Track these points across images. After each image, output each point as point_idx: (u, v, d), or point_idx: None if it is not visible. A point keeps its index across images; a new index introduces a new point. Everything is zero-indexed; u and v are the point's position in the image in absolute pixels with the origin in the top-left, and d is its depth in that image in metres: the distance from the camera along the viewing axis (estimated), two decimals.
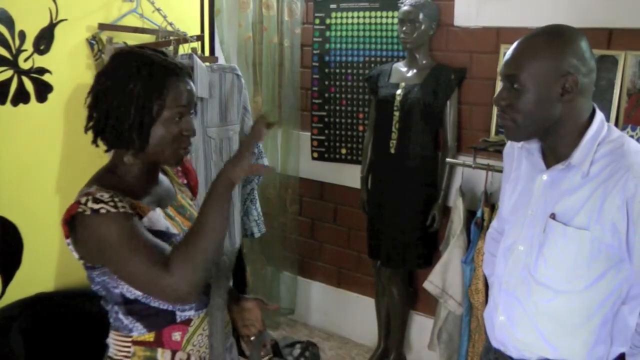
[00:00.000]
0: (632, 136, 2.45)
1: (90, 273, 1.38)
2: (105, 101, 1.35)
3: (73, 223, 1.32)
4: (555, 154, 1.48)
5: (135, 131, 1.35)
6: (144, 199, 1.42)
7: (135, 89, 1.33)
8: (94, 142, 1.42)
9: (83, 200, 1.29)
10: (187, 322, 1.43)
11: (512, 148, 1.64)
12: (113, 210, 1.28)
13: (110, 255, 1.29)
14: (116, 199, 1.30)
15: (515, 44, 1.45)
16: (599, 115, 1.46)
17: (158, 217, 1.40)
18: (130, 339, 1.40)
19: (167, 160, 1.43)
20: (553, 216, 1.45)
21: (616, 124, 2.50)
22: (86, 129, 1.41)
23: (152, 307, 1.38)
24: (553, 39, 1.40)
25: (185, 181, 1.64)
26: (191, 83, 1.41)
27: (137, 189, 1.42)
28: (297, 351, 1.47)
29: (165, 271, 1.26)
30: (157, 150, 1.38)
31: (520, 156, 1.59)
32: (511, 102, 1.43)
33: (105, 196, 1.29)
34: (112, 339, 1.43)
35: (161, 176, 1.51)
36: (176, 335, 1.41)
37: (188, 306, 1.42)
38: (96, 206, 1.28)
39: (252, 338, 1.58)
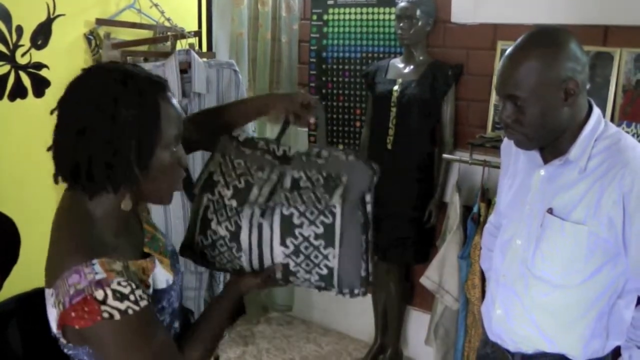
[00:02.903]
0: (627, 132, 2.46)
1: (75, 349, 1.17)
2: (93, 136, 1.09)
3: (84, 331, 1.08)
4: (553, 149, 1.49)
5: (135, 165, 1.11)
6: (131, 250, 1.20)
7: (129, 112, 1.09)
8: (72, 187, 1.16)
9: (100, 296, 1.05)
10: None
11: (509, 143, 1.65)
12: (137, 308, 1.08)
13: (129, 352, 1.12)
14: (133, 285, 1.09)
15: (506, 61, 1.42)
16: (597, 111, 1.47)
17: (160, 271, 1.22)
18: None
19: (162, 197, 1.22)
20: (550, 211, 1.46)
21: (612, 120, 2.52)
22: (57, 178, 1.17)
23: None
24: (544, 48, 1.39)
25: None
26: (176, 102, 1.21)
27: (121, 239, 1.18)
28: None
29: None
30: (151, 188, 1.17)
31: (518, 151, 1.60)
32: (517, 118, 1.42)
33: (123, 284, 1.07)
34: None
35: None
36: None
37: None
38: (122, 306, 1.06)
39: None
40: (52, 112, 1.18)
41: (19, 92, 2.32)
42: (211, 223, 1.39)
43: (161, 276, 1.21)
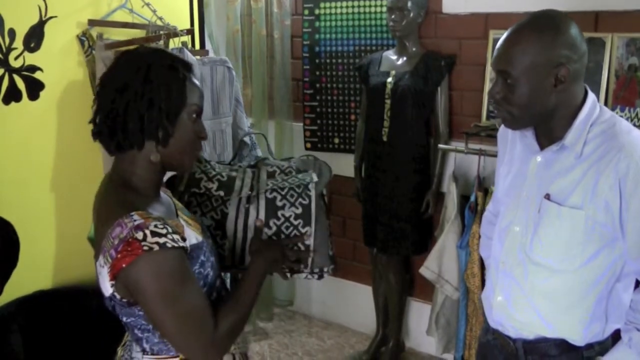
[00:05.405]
0: (620, 117, 2.47)
1: (130, 309, 1.28)
2: (129, 92, 1.26)
3: (129, 268, 1.19)
4: (549, 135, 1.49)
5: (165, 118, 1.27)
6: (165, 213, 1.33)
7: (160, 76, 1.27)
8: (105, 145, 1.31)
9: (140, 236, 1.19)
10: None
11: (506, 130, 1.65)
12: (175, 244, 1.21)
13: (166, 293, 1.22)
14: (169, 229, 1.22)
15: (504, 37, 1.44)
16: (591, 97, 1.48)
17: (189, 232, 1.34)
18: (178, 359, 1.35)
19: (183, 163, 1.35)
20: (547, 196, 1.47)
21: (605, 105, 2.53)
22: (95, 135, 1.31)
23: None
24: (542, 31, 1.39)
25: None
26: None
27: (155, 201, 1.33)
28: None
29: (214, 324, 1.28)
30: (175, 153, 1.31)
31: (515, 138, 1.61)
32: (505, 95, 1.44)
33: (160, 226, 1.21)
34: None
35: None
36: None
37: None
38: (161, 240, 1.19)
39: None
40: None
41: (13, 95, 2.32)
42: (195, 215, 1.52)
43: (191, 235, 1.34)
